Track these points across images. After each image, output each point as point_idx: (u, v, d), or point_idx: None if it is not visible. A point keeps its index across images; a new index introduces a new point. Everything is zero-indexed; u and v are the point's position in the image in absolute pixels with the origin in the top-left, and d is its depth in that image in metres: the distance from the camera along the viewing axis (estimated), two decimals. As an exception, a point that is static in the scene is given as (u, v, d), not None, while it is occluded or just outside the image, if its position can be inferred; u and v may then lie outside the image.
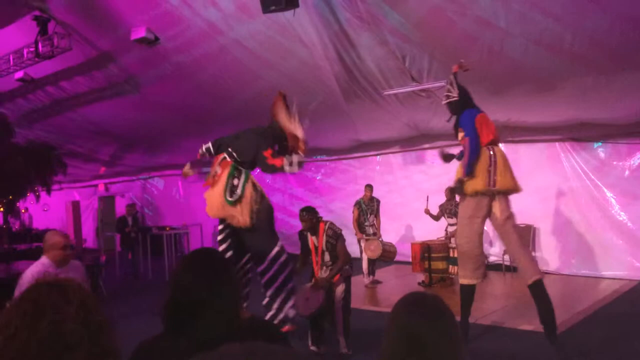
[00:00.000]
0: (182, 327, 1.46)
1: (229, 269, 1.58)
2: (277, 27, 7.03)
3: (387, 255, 8.81)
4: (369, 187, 9.13)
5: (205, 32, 7.44)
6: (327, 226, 5.36)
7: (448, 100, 5.43)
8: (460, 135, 5.25)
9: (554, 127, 8.81)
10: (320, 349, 5.39)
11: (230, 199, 5.27)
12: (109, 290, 9.00)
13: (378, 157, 11.54)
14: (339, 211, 12.05)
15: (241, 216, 5.27)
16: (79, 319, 1.13)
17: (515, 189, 5.08)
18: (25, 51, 8.57)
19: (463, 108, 5.29)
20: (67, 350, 1.10)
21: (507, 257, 9.28)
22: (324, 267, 5.40)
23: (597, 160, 8.86)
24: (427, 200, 8.92)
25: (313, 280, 5.34)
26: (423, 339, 1.43)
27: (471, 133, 5.06)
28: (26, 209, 16.35)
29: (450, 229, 8.77)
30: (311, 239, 5.46)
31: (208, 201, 5.47)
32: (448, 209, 8.76)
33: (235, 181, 5.36)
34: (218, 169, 5.46)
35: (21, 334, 1.10)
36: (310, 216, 5.33)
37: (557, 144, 9.13)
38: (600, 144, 8.86)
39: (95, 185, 16.71)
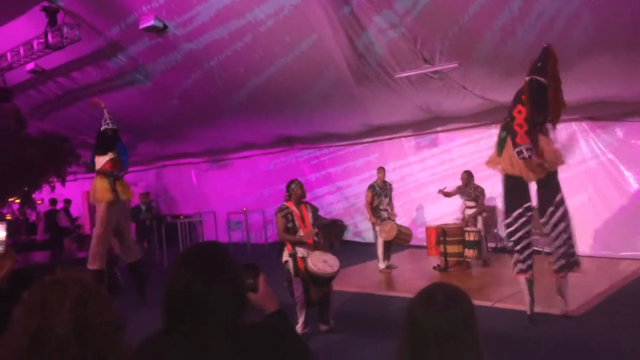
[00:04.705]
0: (176, 324, 1.40)
1: (229, 267, 1.47)
2: (287, 12, 6.95)
3: (402, 238, 8.74)
4: (382, 170, 9.06)
5: (214, 19, 7.38)
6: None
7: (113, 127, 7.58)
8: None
9: (570, 107, 8.63)
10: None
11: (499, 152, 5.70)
12: (125, 280, 9.05)
13: (390, 141, 11.44)
14: (352, 197, 12.02)
15: (504, 163, 5.58)
16: (70, 321, 1.15)
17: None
18: (35, 42, 8.57)
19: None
20: (55, 351, 1.14)
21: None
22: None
23: (615, 139, 8.70)
24: (444, 188, 8.90)
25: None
26: (428, 334, 1.39)
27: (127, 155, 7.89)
28: (42, 200, 16.50)
29: (468, 211, 8.69)
30: (296, 213, 5.59)
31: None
32: (467, 193, 8.67)
33: (503, 134, 5.67)
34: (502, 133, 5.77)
35: (17, 331, 1.16)
36: (302, 184, 5.76)
37: (573, 123, 8.96)
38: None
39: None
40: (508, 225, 5.61)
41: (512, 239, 5.58)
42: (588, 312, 5.82)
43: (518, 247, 5.52)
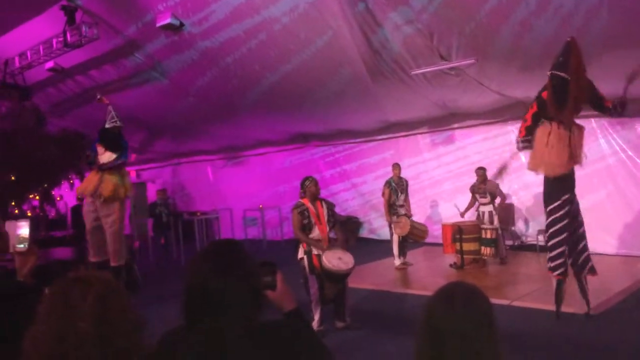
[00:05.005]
0: (195, 320, 1.41)
1: (246, 264, 1.47)
2: (302, 9, 6.94)
3: (416, 234, 8.74)
4: (397, 166, 9.05)
5: (229, 17, 7.41)
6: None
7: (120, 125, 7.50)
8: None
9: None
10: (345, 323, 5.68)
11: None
12: (142, 275, 9.15)
13: (406, 137, 11.39)
14: (367, 194, 12.00)
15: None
16: (92, 317, 1.16)
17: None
18: (54, 41, 8.68)
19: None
20: (74, 347, 1.14)
21: (541, 237, 9.10)
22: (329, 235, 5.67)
23: (635, 136, 8.56)
24: (457, 207, 8.87)
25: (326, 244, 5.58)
26: (446, 333, 1.39)
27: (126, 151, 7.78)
28: (61, 197, 16.72)
29: (482, 208, 8.62)
30: (312, 209, 5.58)
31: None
32: (481, 189, 8.61)
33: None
34: None
35: (41, 326, 1.17)
36: (317, 181, 5.74)
37: (592, 119, 8.83)
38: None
39: (127, 172, 16.95)
40: (546, 221, 5.48)
41: (546, 235, 5.46)
42: (607, 311, 5.75)
43: (550, 244, 5.38)
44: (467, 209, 8.83)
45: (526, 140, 5.43)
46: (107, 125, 7.46)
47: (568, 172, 5.31)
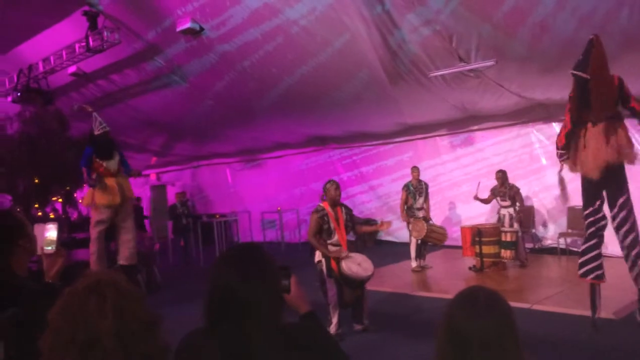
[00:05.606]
0: (218, 323, 1.42)
1: (268, 267, 1.49)
2: (319, 12, 6.97)
3: (434, 237, 8.69)
4: (416, 169, 9.02)
5: (247, 21, 7.47)
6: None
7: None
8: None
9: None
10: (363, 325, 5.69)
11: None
12: (162, 277, 9.26)
13: (424, 140, 11.34)
14: (385, 196, 11.98)
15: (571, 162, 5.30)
16: (113, 330, 1.13)
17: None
18: (77, 46, 8.85)
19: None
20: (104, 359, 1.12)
21: (562, 240, 8.99)
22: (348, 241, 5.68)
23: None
24: (478, 186, 8.70)
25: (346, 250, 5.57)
26: (470, 338, 1.38)
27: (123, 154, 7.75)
28: (83, 200, 16.97)
29: (503, 211, 8.54)
30: (331, 214, 5.57)
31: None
32: (502, 192, 8.54)
33: None
34: None
35: (61, 338, 1.13)
36: (337, 184, 5.70)
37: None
38: None
39: (147, 175, 17.19)
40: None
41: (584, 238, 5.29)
42: (629, 315, 5.65)
43: (582, 248, 5.23)
44: (482, 199, 8.70)
45: (565, 150, 5.22)
46: (96, 133, 7.32)
47: (606, 174, 5.05)
